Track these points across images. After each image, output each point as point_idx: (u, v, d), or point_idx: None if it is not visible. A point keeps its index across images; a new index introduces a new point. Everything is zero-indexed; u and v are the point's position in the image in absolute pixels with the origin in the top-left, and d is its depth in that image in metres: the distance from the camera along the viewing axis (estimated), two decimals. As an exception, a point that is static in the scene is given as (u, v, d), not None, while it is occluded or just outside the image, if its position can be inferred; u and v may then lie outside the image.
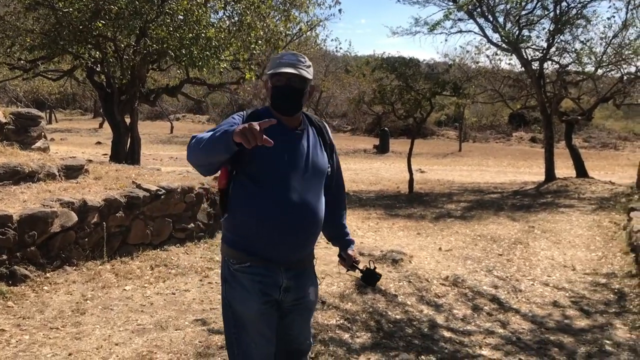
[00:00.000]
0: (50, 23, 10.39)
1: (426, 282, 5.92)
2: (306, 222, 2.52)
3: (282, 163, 2.47)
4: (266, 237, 2.47)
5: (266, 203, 2.44)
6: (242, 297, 2.51)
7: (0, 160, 6.19)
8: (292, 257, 2.55)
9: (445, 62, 19.53)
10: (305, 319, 2.72)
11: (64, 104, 46.62)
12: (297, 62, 2.49)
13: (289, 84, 2.47)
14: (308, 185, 2.52)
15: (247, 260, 2.50)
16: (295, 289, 2.59)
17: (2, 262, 4.83)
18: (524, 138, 36.30)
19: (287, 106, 2.51)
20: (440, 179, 16.62)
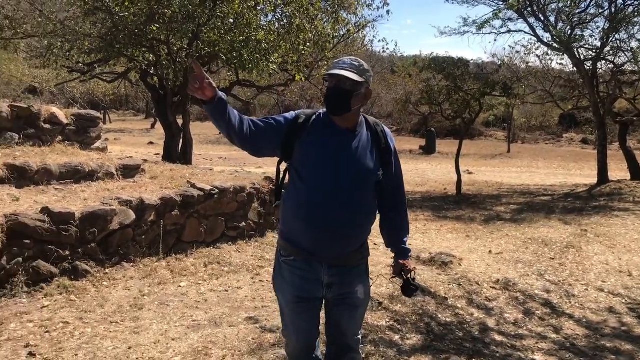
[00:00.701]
0: (107, 27, 10.76)
1: (476, 285, 5.88)
2: (345, 220, 2.58)
3: (325, 161, 2.57)
4: (306, 232, 2.60)
5: (307, 198, 2.57)
6: (282, 287, 2.75)
7: (62, 159, 6.46)
8: (332, 253, 2.63)
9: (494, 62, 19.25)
10: (352, 315, 2.78)
11: (117, 105, 48.00)
12: (349, 65, 2.58)
13: (337, 85, 2.57)
14: (351, 185, 2.58)
15: (291, 254, 2.67)
16: (339, 285, 2.67)
17: (65, 258, 5.06)
18: (575, 139, 35.43)
19: (335, 106, 2.60)
20: (489, 180, 16.39)
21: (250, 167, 16.50)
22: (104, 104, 35.86)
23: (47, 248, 4.93)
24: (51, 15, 11.28)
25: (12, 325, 4.15)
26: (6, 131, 7.03)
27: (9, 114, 7.07)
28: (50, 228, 4.91)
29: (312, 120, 2.64)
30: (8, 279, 4.69)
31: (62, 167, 6.23)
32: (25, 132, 7.19)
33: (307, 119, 2.64)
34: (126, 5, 9.84)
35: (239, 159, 20.96)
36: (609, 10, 13.80)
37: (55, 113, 7.60)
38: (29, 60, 14.69)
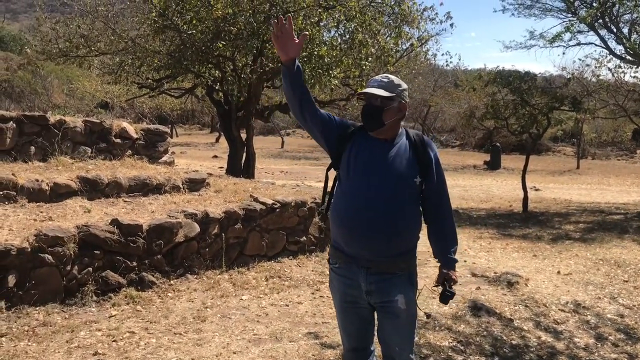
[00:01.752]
0: (176, 45, 11.12)
1: (544, 307, 5.65)
2: (380, 226, 2.66)
3: (362, 170, 2.72)
4: (343, 236, 2.76)
5: (343, 205, 2.75)
6: (332, 293, 2.96)
7: (131, 173, 6.70)
8: (369, 259, 2.72)
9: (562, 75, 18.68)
10: (394, 325, 2.79)
11: (184, 119, 49.45)
12: (377, 83, 2.76)
13: (369, 102, 2.76)
14: (386, 193, 2.68)
15: (337, 260, 2.84)
16: (378, 293, 2.73)
17: (132, 269, 5.21)
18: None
19: (368, 122, 2.79)
20: (557, 197, 15.80)
21: (311, 181, 16.61)
22: (171, 118, 37.02)
23: (116, 259, 5.09)
24: (123, 33, 11.76)
25: (82, 333, 4.30)
26: (80, 145, 7.35)
27: (83, 129, 7.39)
28: (119, 239, 5.08)
29: (356, 132, 2.81)
30: (79, 288, 4.87)
31: (131, 180, 6.45)
32: (97, 146, 7.50)
33: (353, 131, 2.82)
34: (194, 24, 10.15)
35: (300, 173, 21.12)
36: (688, 21, 13.16)
37: (125, 128, 7.89)
38: (102, 77, 15.33)
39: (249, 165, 12.30)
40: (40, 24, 13.68)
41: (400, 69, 13.49)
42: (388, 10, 12.08)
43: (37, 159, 6.91)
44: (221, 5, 9.62)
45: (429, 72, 29.44)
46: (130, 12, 12.45)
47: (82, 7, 12.38)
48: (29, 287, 4.61)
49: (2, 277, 4.53)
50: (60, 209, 5.71)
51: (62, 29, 12.45)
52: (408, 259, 2.79)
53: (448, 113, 36.27)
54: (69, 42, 12.26)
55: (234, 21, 10.17)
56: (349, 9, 10.67)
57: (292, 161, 28.99)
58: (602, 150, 35.93)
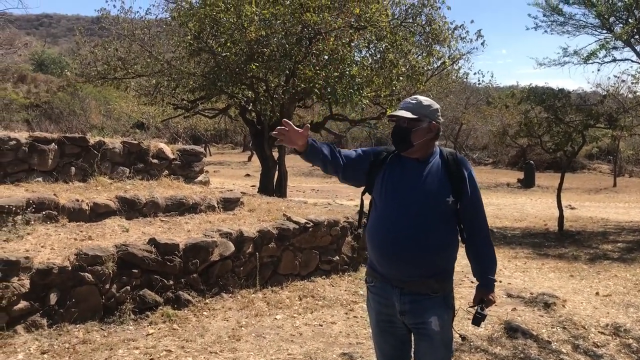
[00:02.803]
0: (210, 66, 11.36)
1: (582, 329, 5.54)
2: (409, 246, 2.68)
3: (394, 190, 2.77)
4: (377, 256, 2.81)
5: (378, 224, 2.79)
6: (369, 311, 2.99)
7: (168, 193, 6.83)
8: (402, 278, 2.74)
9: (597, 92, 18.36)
10: (429, 347, 2.76)
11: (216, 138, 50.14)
12: (405, 105, 2.84)
13: (398, 124, 2.83)
14: (418, 212, 2.70)
15: (372, 280, 2.89)
16: (412, 314, 2.74)
17: (168, 287, 5.30)
18: (691, 173, 32.86)
19: (398, 143, 2.85)
20: (593, 216, 15.48)
21: (342, 199, 16.61)
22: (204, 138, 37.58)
23: (153, 277, 5.19)
24: (159, 56, 12.06)
25: (120, 351, 4.38)
26: (118, 165, 7.53)
27: (121, 150, 7.58)
28: (157, 258, 5.18)
29: (390, 156, 2.87)
30: (117, 306, 4.97)
31: (167, 200, 6.58)
32: (135, 167, 7.67)
33: (387, 155, 2.89)
34: (228, 46, 10.36)
35: (331, 191, 21.16)
36: None
37: (162, 148, 8.06)
38: (138, 98, 15.68)
39: (281, 184, 12.40)
40: (79, 47, 14.15)
41: (431, 87, 13.46)
42: (419, 30, 12.14)
43: (77, 179, 7.11)
44: (254, 28, 9.80)
45: (460, 90, 29.31)
46: (166, 36, 12.76)
47: (119, 31, 12.74)
48: (69, 305, 4.74)
49: (45, 295, 4.66)
50: (100, 229, 5.86)
51: (100, 52, 12.83)
52: (442, 280, 2.76)
53: (480, 131, 35.97)
54: (107, 65, 12.62)
55: (266, 43, 10.36)
56: (379, 29, 10.76)
57: (322, 179, 29.05)
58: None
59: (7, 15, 14.93)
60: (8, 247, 5.02)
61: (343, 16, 10.50)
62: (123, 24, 12.65)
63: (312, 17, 9.68)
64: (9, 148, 6.61)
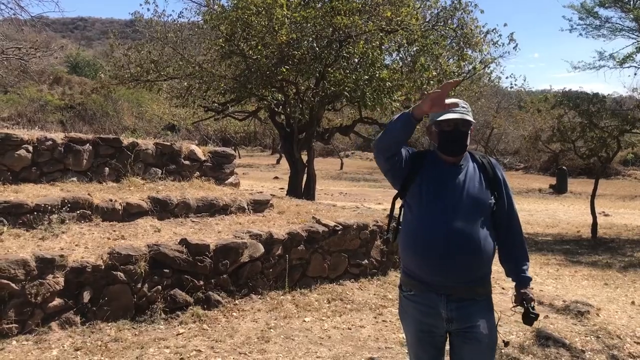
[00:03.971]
0: (241, 69, 11.43)
1: (618, 339, 5.41)
2: (460, 251, 2.62)
3: (437, 194, 2.69)
4: (418, 263, 2.71)
5: (421, 231, 2.69)
6: (406, 323, 2.85)
7: (199, 194, 6.90)
8: (449, 285, 2.67)
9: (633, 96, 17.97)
10: (477, 351, 2.72)
11: (246, 141, 50.50)
12: (460, 107, 2.72)
13: (456, 128, 2.72)
14: (464, 217, 2.65)
15: (411, 288, 2.77)
16: (459, 319, 2.67)
17: (199, 288, 5.35)
18: None
19: (456, 149, 2.76)
20: (628, 223, 15.14)
21: (370, 203, 16.56)
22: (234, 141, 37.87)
23: (184, 277, 5.24)
24: (191, 58, 12.19)
25: (151, 350, 4.43)
26: (151, 166, 7.63)
27: (154, 151, 7.68)
28: (187, 258, 5.23)
29: (426, 159, 2.79)
30: (148, 306, 5.04)
31: (199, 201, 6.65)
32: (167, 168, 7.76)
33: (423, 158, 2.80)
34: (259, 49, 10.42)
35: (359, 195, 21.11)
36: None
37: (194, 150, 8.14)
38: (170, 100, 15.88)
39: (310, 187, 12.42)
40: (113, 50, 14.37)
41: (463, 92, 13.35)
42: (450, 34, 12.04)
43: (111, 179, 7.22)
44: (285, 31, 9.84)
45: (491, 94, 29.00)
46: (198, 38, 12.90)
47: (152, 34, 12.91)
48: (102, 303, 4.82)
49: (78, 292, 4.75)
50: (132, 228, 5.94)
51: (133, 55, 13.02)
52: (485, 283, 2.75)
53: (511, 135, 35.50)
54: (140, 67, 12.80)
55: (297, 46, 10.39)
56: (410, 33, 10.71)
57: (350, 183, 29.05)
58: (677, 174, 34.22)
59: (43, 19, 15.25)
60: (44, 245, 5.13)
61: (374, 19, 10.49)
62: (156, 27, 12.81)
63: (342, 20, 9.68)
64: (45, 148, 6.75)
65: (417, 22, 10.81)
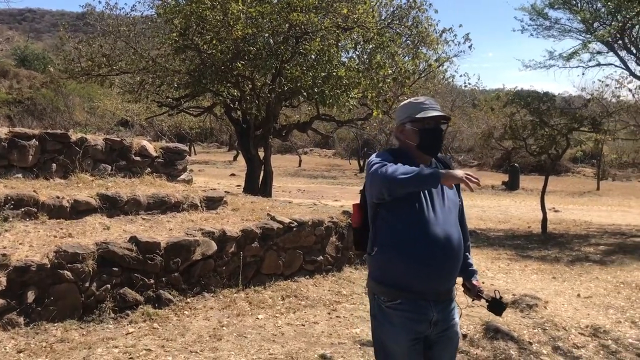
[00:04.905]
0: (195, 64, 11.27)
1: (563, 330, 5.56)
2: (451, 253, 2.61)
3: (423, 198, 2.60)
4: (416, 271, 2.57)
5: (414, 237, 2.56)
6: (392, 334, 2.64)
7: (150, 190, 6.76)
8: (440, 289, 2.64)
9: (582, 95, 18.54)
10: (449, 349, 2.76)
11: (202, 137, 49.92)
12: (436, 104, 2.70)
13: (437, 126, 2.70)
14: (447, 218, 2.64)
15: (398, 297, 2.61)
16: (442, 321, 2.66)
17: (149, 286, 5.23)
18: (673, 177, 33.30)
19: (437, 146, 2.74)
20: (576, 219, 15.62)
21: (327, 200, 16.59)
22: (189, 137, 37.38)
23: (134, 276, 5.12)
24: (144, 53, 11.97)
25: (99, 350, 4.31)
26: (100, 163, 7.44)
27: (104, 147, 7.49)
28: (137, 257, 5.11)
29: (403, 160, 2.63)
30: (97, 305, 4.90)
31: (149, 198, 6.51)
32: (117, 164, 7.58)
33: (400, 159, 2.64)
34: (214, 44, 10.30)
35: (317, 192, 21.14)
36: None
37: (145, 146, 7.98)
38: (122, 95, 15.57)
39: (267, 184, 12.35)
40: (63, 43, 13.99)
41: (417, 90, 13.49)
42: (406, 32, 12.15)
43: (58, 176, 7.00)
44: (241, 26, 9.75)
45: (446, 92, 29.44)
46: (151, 32, 12.65)
47: (104, 27, 12.62)
48: (47, 303, 4.65)
49: (22, 292, 4.58)
50: (80, 226, 5.77)
51: (84, 49, 12.69)
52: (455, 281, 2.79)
53: (466, 133, 36.13)
54: (91, 61, 12.49)
55: (253, 41, 10.31)
56: (367, 31, 10.76)
57: (309, 180, 29.06)
58: (623, 171, 35.57)
59: (-11, 10, 14.72)
60: (-15, 243, 4.93)
61: (330, 16, 10.49)
62: (108, 20, 12.53)
63: (298, 16, 9.65)
64: (-13, 143, 6.50)
65: (373, 20, 10.87)
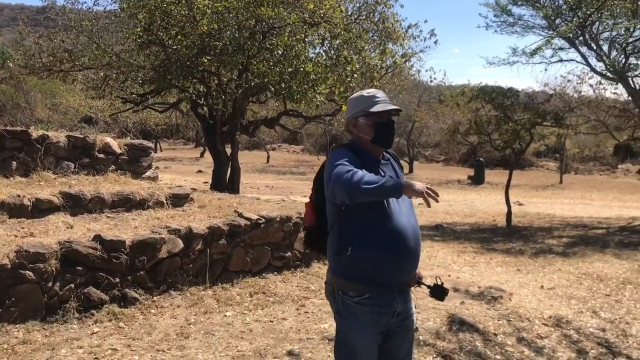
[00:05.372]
0: (160, 59, 11.13)
1: (527, 321, 5.68)
2: (416, 243, 2.65)
3: None
4: (390, 263, 2.59)
5: (384, 230, 2.57)
6: (358, 329, 2.63)
7: (115, 188, 6.65)
8: (406, 279, 2.69)
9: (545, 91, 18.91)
10: (406, 339, 2.78)
11: (168, 134, 49.32)
12: (387, 97, 2.73)
13: (390, 119, 2.70)
14: (408, 209, 2.68)
15: (366, 292, 2.60)
16: (403, 312, 2.70)
17: (115, 285, 5.15)
18: (631, 170, 34.32)
19: (391, 139, 2.74)
20: (540, 212, 15.96)
21: (296, 195, 16.60)
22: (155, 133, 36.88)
23: (98, 275, 5.03)
24: (107, 48, 11.76)
25: (63, 351, 4.23)
26: (63, 160, 7.28)
27: (66, 144, 7.33)
28: (102, 255, 5.02)
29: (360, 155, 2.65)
30: (60, 305, 4.80)
31: (114, 196, 6.40)
32: (80, 161, 7.43)
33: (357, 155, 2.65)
34: (179, 39, 10.17)
35: (285, 188, 21.12)
36: (665, 39, 13.41)
37: (109, 143, 7.84)
38: (86, 91, 15.28)
39: (234, 180, 12.27)
40: (23, 38, 13.66)
41: (385, 85, 13.58)
42: (373, 28, 12.21)
43: (19, 174, 6.83)
44: (207, 21, 9.66)
45: (413, 87, 29.69)
46: (115, 27, 12.44)
47: (66, 22, 12.36)
48: (8, 304, 4.54)
49: (-18, 294, 4.46)
50: (42, 225, 5.65)
51: (45, 44, 12.42)
52: None
53: (432, 128, 36.51)
54: (53, 57, 12.23)
55: (219, 36, 10.22)
56: (334, 26, 10.77)
57: (277, 176, 29.02)
58: (585, 165, 36.43)
59: (-56, 3, 14.30)
60: (-58, 244, 4.79)
61: (297, 11, 10.46)
62: (70, 15, 12.28)
63: (266, 11, 9.59)
64: (-57, 141, 6.31)
65: (340, 15, 10.88)
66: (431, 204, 2.38)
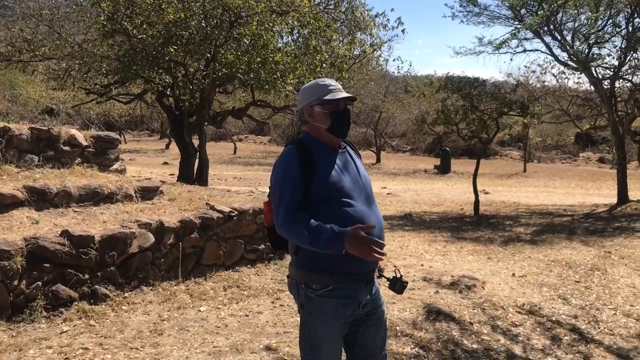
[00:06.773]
0: (125, 49, 10.85)
1: (501, 309, 5.72)
2: (379, 230, 2.62)
3: (347, 181, 2.60)
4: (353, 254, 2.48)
5: (346, 219, 2.50)
6: (322, 322, 2.60)
7: (81, 181, 6.45)
8: (372, 269, 2.66)
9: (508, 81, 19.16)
10: (378, 329, 2.75)
11: (132, 125, 48.42)
12: (340, 86, 2.70)
13: (346, 107, 2.68)
14: (370, 197, 2.67)
15: (330, 283, 2.56)
16: (371, 302, 2.68)
17: (84, 282, 5.00)
18: (592, 158, 35.16)
19: (347, 128, 2.71)
20: (506, 200, 16.18)
21: (265, 187, 16.45)
22: (119, 125, 36.17)
23: (67, 272, 4.88)
24: (69, 37, 11.42)
25: (31, 352, 4.08)
26: (26, 153, 7.03)
27: (29, 136, 7.08)
28: (70, 251, 4.86)
29: (313, 148, 2.60)
30: (27, 304, 4.64)
31: (81, 190, 6.21)
32: (45, 154, 7.19)
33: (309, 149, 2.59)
34: (144, 28, 9.93)
35: (253, 179, 20.95)
36: (626, 30, 13.67)
37: (74, 135, 7.60)
38: (47, 82, 14.83)
39: (202, 172, 12.11)
40: (-21, 27, 13.13)
41: (353, 75, 13.55)
42: (341, 17, 12.15)
43: (-21, 168, 6.57)
44: (172, 10, 9.44)
45: (380, 78, 29.77)
46: (77, 16, 12.06)
47: (24, 10, 11.96)
48: (-28, 304, 4.36)
49: (-57, 294, 4.27)
50: (6, 221, 5.43)
51: (3, 33, 12.00)
52: None
53: (399, 119, 36.73)
54: (12, 46, 11.82)
55: (185, 26, 10.02)
56: (302, 15, 10.66)
57: (245, 167, 28.79)
58: (547, 153, 37.18)
59: None
60: None
61: (265, 0, 10.32)
62: (29, 3, 11.88)
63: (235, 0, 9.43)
64: None
65: (308, 4, 10.78)
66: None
